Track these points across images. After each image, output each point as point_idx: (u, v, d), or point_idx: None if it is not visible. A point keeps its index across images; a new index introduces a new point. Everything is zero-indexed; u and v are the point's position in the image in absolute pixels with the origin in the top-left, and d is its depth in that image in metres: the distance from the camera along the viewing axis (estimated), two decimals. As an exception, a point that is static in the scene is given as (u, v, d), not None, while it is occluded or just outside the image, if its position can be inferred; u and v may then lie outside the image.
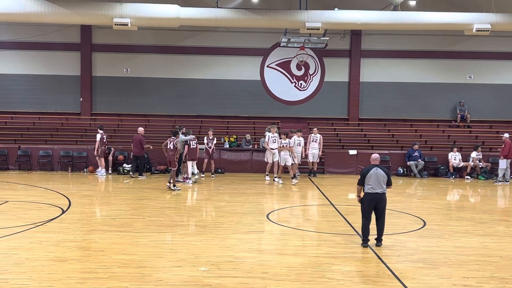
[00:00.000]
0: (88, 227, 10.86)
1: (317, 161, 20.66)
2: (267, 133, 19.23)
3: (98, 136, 20.36)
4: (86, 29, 25.03)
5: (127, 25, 19.54)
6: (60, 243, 9.29)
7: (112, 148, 20.96)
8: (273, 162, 18.83)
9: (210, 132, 19.88)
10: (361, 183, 9.52)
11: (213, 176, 19.88)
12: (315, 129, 21.04)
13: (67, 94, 25.43)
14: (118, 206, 13.29)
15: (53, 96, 25.34)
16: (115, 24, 19.55)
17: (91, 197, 15.28)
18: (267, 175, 19.06)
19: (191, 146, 17.96)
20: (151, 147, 20.27)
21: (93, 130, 23.80)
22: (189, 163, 18.14)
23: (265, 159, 19.22)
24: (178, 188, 16.35)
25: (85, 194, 15.94)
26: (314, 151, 20.40)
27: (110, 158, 20.78)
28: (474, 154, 21.20)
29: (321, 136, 20.62)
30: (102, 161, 20.35)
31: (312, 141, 20.46)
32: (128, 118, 25.14)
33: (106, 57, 25.54)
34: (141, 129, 20.13)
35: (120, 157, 21.10)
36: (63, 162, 21.33)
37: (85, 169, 20.89)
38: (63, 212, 12.25)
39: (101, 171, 20.26)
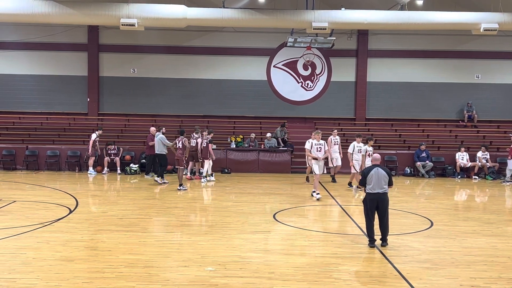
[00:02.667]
0: (95, 227, 10.89)
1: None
2: (310, 141, 15.60)
3: (94, 136, 20.51)
4: (93, 29, 25.14)
5: (134, 25, 19.60)
6: (68, 242, 9.33)
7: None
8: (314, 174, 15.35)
9: (205, 133, 18.99)
10: (363, 183, 9.52)
11: (209, 177, 18.78)
12: (335, 131, 18.99)
13: (74, 94, 25.56)
14: (125, 206, 13.32)
15: (60, 96, 25.47)
16: (122, 25, 19.63)
17: (98, 197, 15.33)
18: (317, 193, 14.93)
19: (203, 145, 18.37)
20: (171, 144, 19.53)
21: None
22: (207, 162, 18.49)
23: (313, 172, 15.28)
24: (185, 187, 16.47)
25: (93, 194, 16.01)
26: (337, 154, 18.55)
27: (106, 158, 20.87)
28: (479, 154, 21.12)
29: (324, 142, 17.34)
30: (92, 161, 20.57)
31: (335, 144, 18.54)
32: (135, 118, 25.21)
33: (113, 57, 25.63)
34: (152, 129, 19.98)
35: (127, 157, 21.16)
36: (70, 162, 21.42)
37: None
38: (71, 212, 12.30)
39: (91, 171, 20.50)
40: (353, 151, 16.28)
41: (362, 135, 16.96)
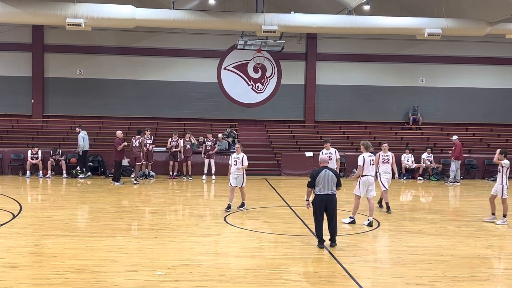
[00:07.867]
0: (40, 232, 10.58)
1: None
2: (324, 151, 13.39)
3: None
4: (37, 29, 24.41)
5: (80, 25, 19.09)
6: (11, 248, 9.03)
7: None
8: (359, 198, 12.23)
9: (187, 135, 20.36)
10: (311, 185, 9.60)
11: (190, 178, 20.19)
12: (386, 144, 14.00)
13: (18, 96, 24.73)
14: (72, 210, 13.02)
15: (3, 98, 24.60)
16: (68, 25, 19.10)
17: (43, 201, 14.91)
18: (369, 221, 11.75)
19: (187, 147, 20.25)
20: (126, 143, 18.72)
21: (44, 132, 23.35)
22: (206, 160, 20.37)
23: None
24: (137, 182, 18.30)
25: (37, 198, 15.55)
26: (388, 176, 13.53)
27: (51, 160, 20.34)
28: (424, 155, 21.77)
29: (392, 154, 13.80)
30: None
31: (384, 162, 13.57)
32: (81, 120, 24.56)
33: (59, 58, 24.96)
34: (118, 132, 18.73)
35: (73, 160, 20.61)
36: (13, 166, 20.74)
37: (39, 172, 20.24)
38: (14, 217, 11.89)
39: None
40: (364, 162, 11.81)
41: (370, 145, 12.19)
